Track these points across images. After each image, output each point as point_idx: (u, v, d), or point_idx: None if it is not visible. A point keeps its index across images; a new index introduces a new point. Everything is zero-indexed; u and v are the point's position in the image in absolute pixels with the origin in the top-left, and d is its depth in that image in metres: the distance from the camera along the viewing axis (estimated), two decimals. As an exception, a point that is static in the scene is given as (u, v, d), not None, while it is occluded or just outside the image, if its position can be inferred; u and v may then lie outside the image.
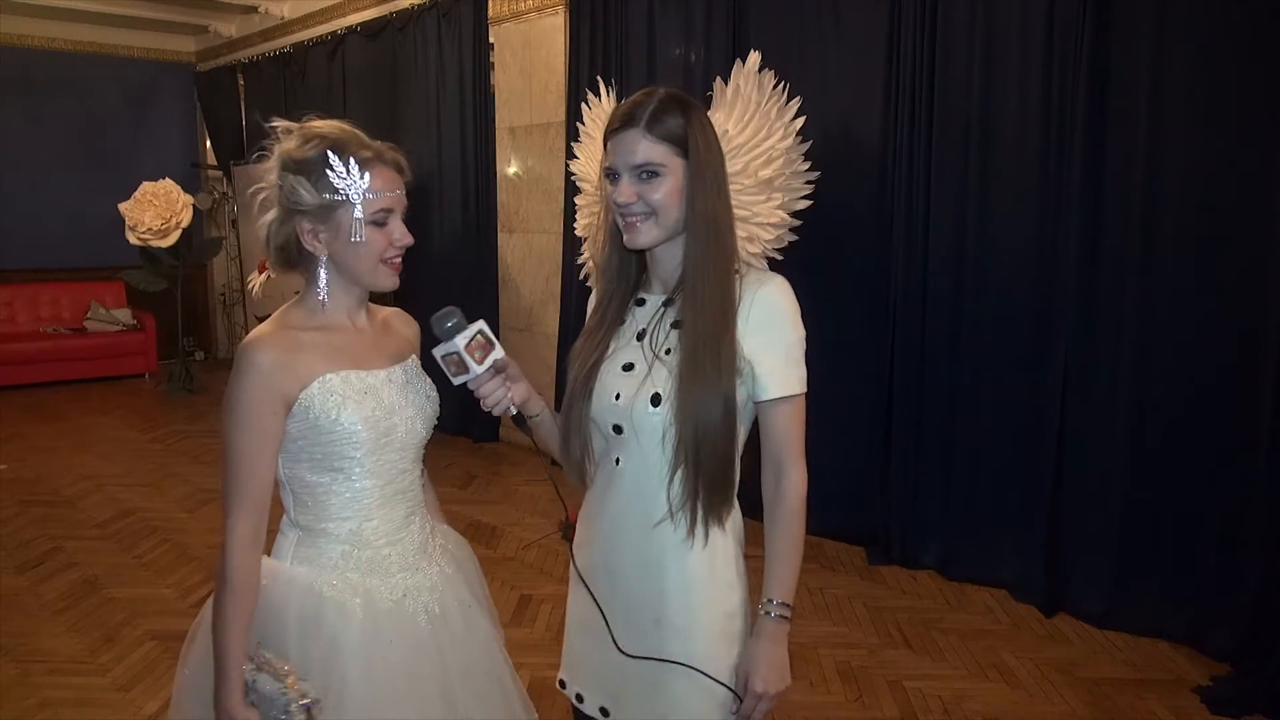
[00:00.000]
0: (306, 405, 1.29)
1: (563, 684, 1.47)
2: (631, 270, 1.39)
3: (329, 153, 1.27)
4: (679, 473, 1.27)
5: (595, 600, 1.35)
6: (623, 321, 1.38)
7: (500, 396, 1.30)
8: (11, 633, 3.10)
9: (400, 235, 1.32)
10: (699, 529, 1.28)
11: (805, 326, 1.32)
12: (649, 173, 1.28)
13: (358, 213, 1.28)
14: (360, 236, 1.28)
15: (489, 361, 1.27)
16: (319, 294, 1.33)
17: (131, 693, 2.75)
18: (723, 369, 1.24)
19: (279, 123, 1.33)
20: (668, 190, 1.27)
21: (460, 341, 1.25)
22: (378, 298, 1.43)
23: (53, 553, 3.87)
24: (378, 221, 1.30)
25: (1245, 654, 2.78)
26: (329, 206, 1.29)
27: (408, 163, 1.37)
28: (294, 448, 1.32)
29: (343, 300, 1.37)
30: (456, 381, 1.29)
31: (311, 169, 1.28)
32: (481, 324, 1.28)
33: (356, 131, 1.33)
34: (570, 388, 1.37)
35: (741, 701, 1.30)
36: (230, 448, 1.26)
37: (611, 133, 1.29)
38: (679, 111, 1.27)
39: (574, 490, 1.46)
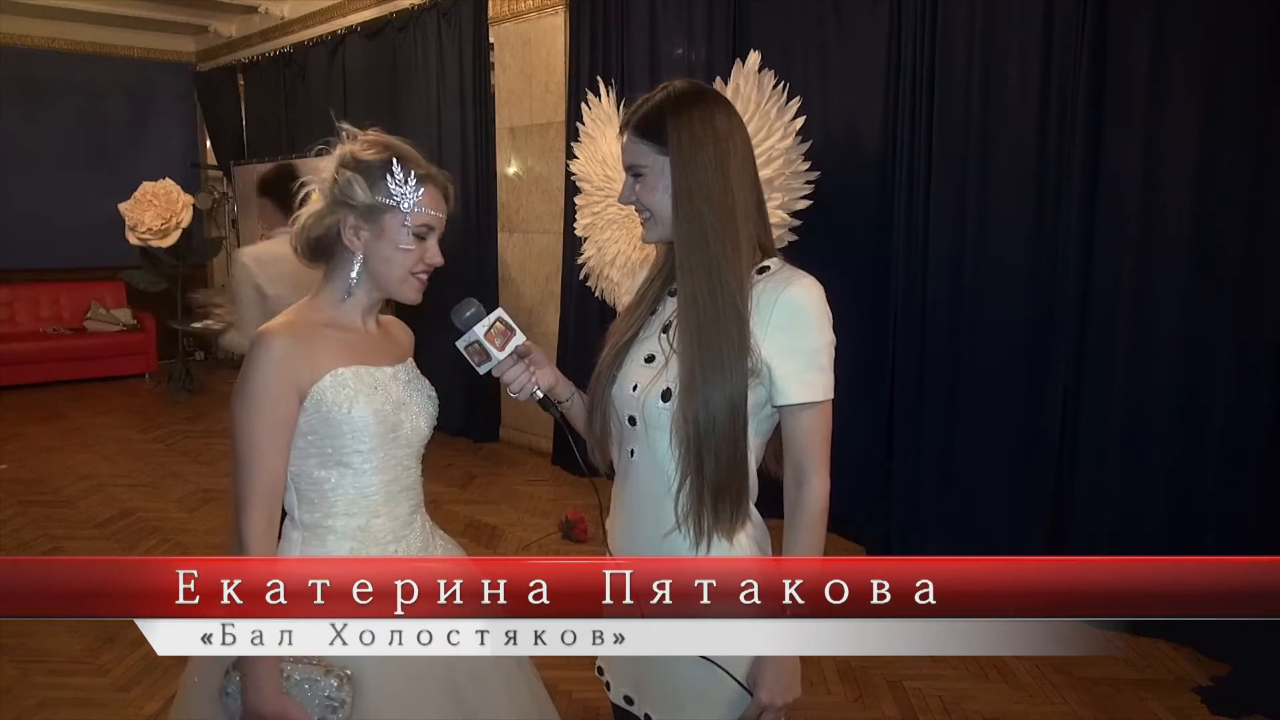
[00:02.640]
0: (319, 399, 1.31)
1: (600, 671, 1.48)
2: (671, 258, 1.37)
3: (394, 160, 1.33)
4: (687, 481, 1.25)
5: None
6: (654, 311, 1.38)
7: (524, 382, 1.32)
8: (11, 632, 3.10)
9: (433, 255, 1.36)
10: (705, 541, 1.26)
11: None
12: (636, 174, 1.30)
13: (406, 221, 1.33)
14: (407, 243, 1.33)
15: (510, 347, 1.30)
16: (348, 287, 1.37)
17: (131, 693, 2.75)
18: (725, 371, 1.22)
19: (347, 126, 1.39)
20: (653, 190, 1.28)
21: (480, 330, 1.29)
22: (402, 310, 1.47)
23: (53, 553, 3.87)
24: (419, 235, 1.34)
25: (1245, 654, 2.78)
26: (378, 209, 1.33)
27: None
28: (303, 443, 1.33)
29: (363, 301, 1.40)
30: (481, 371, 1.32)
31: (371, 171, 1.33)
32: (500, 311, 1.31)
33: (411, 149, 1.38)
34: (599, 365, 1.38)
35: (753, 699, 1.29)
36: (242, 436, 1.27)
37: (619, 133, 1.33)
38: (671, 110, 1.27)
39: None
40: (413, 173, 1.33)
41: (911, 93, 3.56)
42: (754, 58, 3.62)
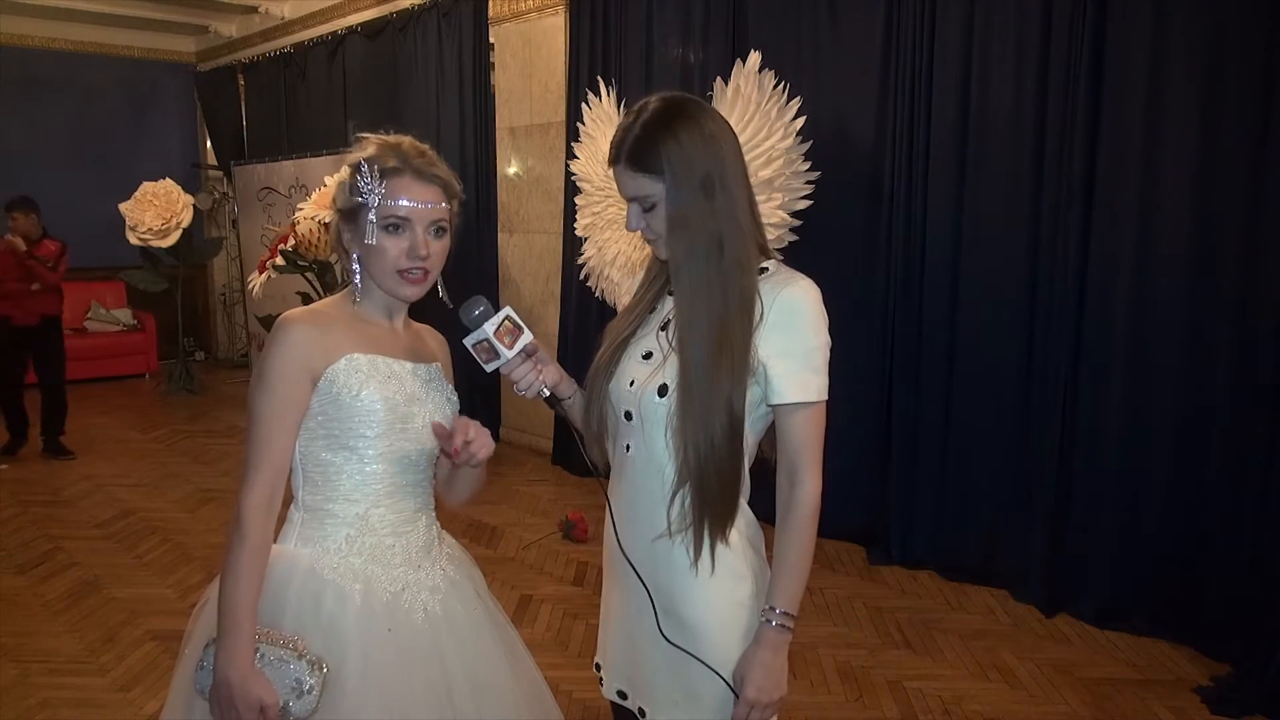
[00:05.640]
0: (331, 379, 1.33)
1: (598, 666, 1.49)
2: None
3: (361, 161, 1.34)
4: (681, 492, 1.26)
5: (642, 582, 1.32)
6: (654, 309, 1.39)
7: (532, 380, 1.33)
8: (11, 632, 3.10)
9: (418, 248, 1.34)
10: (698, 538, 1.27)
11: None
12: (646, 206, 1.29)
13: (371, 216, 1.33)
14: (372, 239, 1.33)
15: (519, 346, 1.31)
16: (355, 288, 1.41)
17: (131, 693, 2.75)
18: (723, 370, 1.23)
19: (364, 135, 1.41)
20: (664, 217, 1.28)
21: (489, 328, 1.29)
22: (413, 308, 1.48)
23: (53, 553, 3.87)
24: (390, 227, 1.34)
25: (1245, 654, 2.78)
26: (354, 209, 1.35)
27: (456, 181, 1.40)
28: (313, 424, 1.35)
29: (379, 298, 1.42)
30: (489, 368, 1.33)
31: (351, 174, 1.36)
32: (509, 310, 1.32)
33: (408, 144, 1.38)
34: (597, 361, 1.39)
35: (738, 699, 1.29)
36: (254, 414, 1.31)
37: (609, 164, 1.33)
38: (657, 136, 1.25)
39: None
40: (376, 167, 1.33)
41: (910, 92, 3.56)
42: (754, 58, 3.62)
